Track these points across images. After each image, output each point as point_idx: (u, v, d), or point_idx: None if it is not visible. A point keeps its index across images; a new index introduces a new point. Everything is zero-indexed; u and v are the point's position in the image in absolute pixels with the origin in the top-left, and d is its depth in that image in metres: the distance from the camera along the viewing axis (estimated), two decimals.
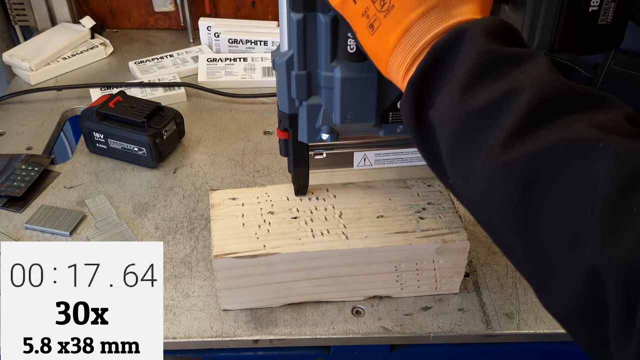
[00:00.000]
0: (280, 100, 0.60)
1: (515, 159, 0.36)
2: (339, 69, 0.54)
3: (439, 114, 0.42)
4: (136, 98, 0.97)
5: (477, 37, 0.39)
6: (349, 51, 0.53)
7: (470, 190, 0.40)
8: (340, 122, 0.58)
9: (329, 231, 0.66)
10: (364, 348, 0.70)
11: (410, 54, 0.43)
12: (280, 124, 0.62)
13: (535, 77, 0.37)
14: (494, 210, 0.38)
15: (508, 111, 0.37)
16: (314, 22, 0.53)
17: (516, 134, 0.36)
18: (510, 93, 0.37)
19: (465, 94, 0.39)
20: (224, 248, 0.64)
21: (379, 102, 0.57)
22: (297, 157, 0.65)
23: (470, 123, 0.39)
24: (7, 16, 1.26)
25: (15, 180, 0.87)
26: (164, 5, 1.25)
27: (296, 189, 0.69)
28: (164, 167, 0.92)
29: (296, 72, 0.56)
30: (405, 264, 0.67)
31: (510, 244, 0.38)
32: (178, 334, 0.66)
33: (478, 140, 0.38)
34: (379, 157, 0.66)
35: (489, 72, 0.39)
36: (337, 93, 0.56)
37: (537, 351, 0.73)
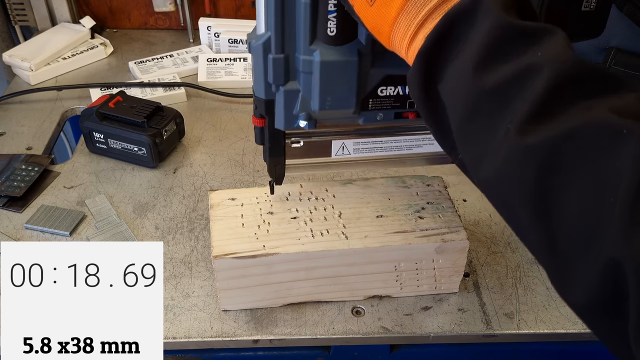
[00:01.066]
0: (256, 85, 0.58)
1: (534, 143, 0.34)
2: (318, 53, 0.52)
3: (450, 89, 0.40)
4: (136, 98, 0.97)
5: (493, 7, 0.37)
6: (329, 34, 0.51)
7: (485, 172, 0.38)
8: (319, 109, 0.55)
9: (328, 231, 0.66)
10: (364, 348, 0.70)
11: (415, 21, 0.41)
12: (256, 110, 0.60)
13: (553, 55, 0.36)
14: (510, 194, 0.37)
15: (525, 91, 0.35)
16: (293, 3, 0.51)
17: (535, 116, 0.35)
18: (528, 71, 0.36)
19: (479, 70, 0.38)
20: (224, 248, 0.64)
21: (359, 88, 0.55)
22: (273, 146, 0.63)
23: (485, 101, 0.38)
24: (7, 16, 1.26)
25: (15, 180, 0.87)
26: (164, 5, 1.25)
27: (272, 179, 0.67)
28: (164, 167, 0.92)
29: (273, 56, 0.54)
30: (404, 264, 0.67)
31: (526, 229, 0.37)
32: (178, 334, 0.66)
33: (493, 120, 0.37)
34: (358, 145, 0.64)
35: (506, 48, 0.37)
36: (316, 78, 0.53)
37: (537, 351, 0.73)
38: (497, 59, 0.37)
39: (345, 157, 0.65)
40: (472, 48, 0.38)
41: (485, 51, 0.38)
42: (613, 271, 0.31)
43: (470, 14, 0.38)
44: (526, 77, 0.36)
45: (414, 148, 0.66)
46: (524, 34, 0.37)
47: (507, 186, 0.37)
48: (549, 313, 0.69)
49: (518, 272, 0.74)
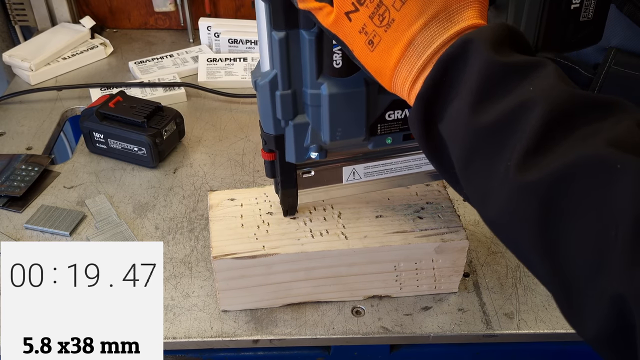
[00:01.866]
0: (264, 122, 0.58)
1: (532, 182, 0.35)
2: (325, 86, 0.53)
3: (449, 130, 0.41)
4: (136, 98, 0.97)
5: (482, 48, 0.38)
6: (335, 67, 0.52)
7: (490, 211, 0.39)
8: (330, 140, 0.56)
9: (328, 231, 0.66)
10: (364, 348, 0.70)
11: (416, 66, 0.42)
12: (265, 146, 0.60)
13: (545, 88, 0.37)
14: (516, 231, 0.37)
15: (520, 128, 0.36)
16: (297, 40, 0.51)
17: (532, 152, 0.35)
18: (521, 108, 0.37)
19: (475, 110, 0.38)
20: (223, 249, 0.64)
21: (368, 116, 0.56)
22: (284, 178, 0.63)
23: (482, 141, 0.38)
24: (7, 16, 1.26)
25: (15, 180, 0.87)
26: (164, 5, 1.25)
27: (285, 210, 0.67)
28: (164, 167, 0.92)
29: (281, 92, 0.54)
30: (404, 264, 0.67)
31: (535, 264, 0.38)
32: (178, 334, 0.66)
33: (492, 159, 0.38)
34: (368, 169, 0.65)
35: (497, 86, 0.38)
36: (325, 110, 0.54)
37: (537, 351, 0.73)
38: (490, 97, 0.38)
39: (356, 182, 0.66)
40: (466, 88, 0.39)
41: (478, 91, 0.38)
42: (619, 306, 0.31)
43: (462, 56, 0.39)
44: (520, 113, 0.36)
45: (424, 166, 0.66)
46: (514, 70, 0.38)
47: (512, 225, 0.37)
48: (549, 313, 0.69)
49: (518, 272, 0.74)
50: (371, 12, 0.42)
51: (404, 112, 0.58)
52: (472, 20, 0.41)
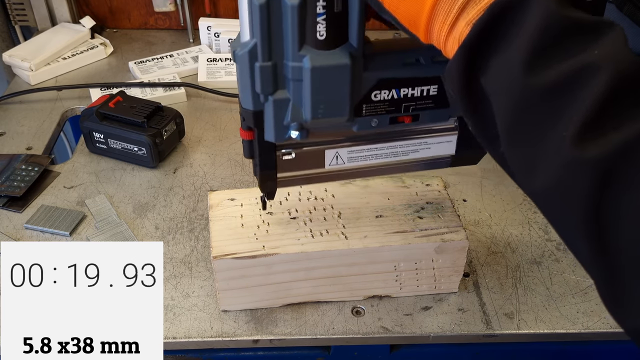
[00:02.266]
0: (243, 96, 0.54)
1: (593, 156, 0.32)
2: (308, 58, 0.49)
3: (497, 84, 0.37)
4: (136, 98, 0.97)
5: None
6: (319, 38, 0.48)
7: (537, 182, 0.36)
8: (312, 117, 0.52)
9: (328, 231, 0.66)
10: (364, 348, 0.70)
11: (455, 6, 0.38)
12: (244, 123, 0.56)
13: (612, 53, 0.33)
14: (565, 208, 0.35)
15: (581, 95, 0.33)
16: (279, 7, 0.48)
17: (592, 125, 0.33)
18: (584, 71, 0.33)
19: (531, 67, 0.35)
20: (223, 249, 0.64)
21: (352, 94, 0.52)
22: (263, 159, 0.59)
23: (537, 102, 0.35)
24: (7, 16, 1.26)
25: (15, 180, 0.87)
26: (164, 5, 1.25)
27: (264, 194, 0.64)
28: (164, 167, 0.92)
29: (260, 64, 0.50)
30: (404, 264, 0.67)
31: (579, 243, 0.35)
32: (178, 334, 0.66)
33: (546, 123, 0.35)
34: (352, 154, 0.61)
35: (560, 43, 0.35)
36: (307, 85, 0.50)
37: (537, 351, 0.73)
38: (551, 54, 0.35)
39: (339, 167, 0.62)
40: (523, 40, 0.35)
41: (537, 45, 0.35)
42: None
43: (522, 2, 0.36)
44: (582, 78, 0.34)
45: (411, 153, 0.63)
46: (580, 29, 0.35)
47: (561, 200, 0.35)
48: (549, 313, 0.69)
49: (518, 272, 0.74)
50: None
51: (391, 93, 0.54)
52: None
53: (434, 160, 0.64)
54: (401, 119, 0.56)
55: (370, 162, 0.63)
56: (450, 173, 0.89)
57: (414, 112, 0.56)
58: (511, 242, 0.79)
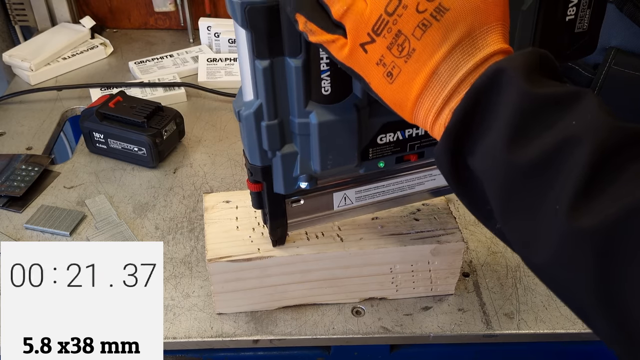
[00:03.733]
0: (250, 153, 0.55)
1: (589, 227, 0.32)
2: (314, 114, 0.50)
3: (483, 166, 0.39)
4: (136, 98, 0.97)
5: (516, 78, 0.36)
6: (324, 93, 0.49)
7: (537, 257, 0.36)
8: (321, 169, 0.53)
9: (323, 234, 0.66)
10: (364, 348, 0.70)
11: (440, 97, 0.40)
12: (252, 177, 0.57)
13: (589, 122, 0.34)
14: (569, 281, 0.34)
15: (567, 167, 0.33)
16: (282, 68, 0.48)
17: (583, 194, 0.33)
18: (566, 144, 0.34)
19: (513, 146, 0.36)
20: (218, 252, 0.64)
21: (359, 142, 0.53)
22: (273, 209, 0.59)
23: (525, 178, 0.36)
24: (7, 16, 1.26)
25: (15, 180, 0.87)
26: (164, 5, 1.25)
27: (274, 241, 0.64)
28: (164, 167, 0.92)
29: (267, 123, 0.51)
30: (400, 266, 0.67)
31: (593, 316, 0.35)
32: (178, 334, 0.66)
33: (537, 200, 0.35)
34: (360, 194, 0.62)
35: (536, 120, 0.35)
36: (315, 139, 0.51)
37: (537, 351, 0.73)
38: (529, 131, 0.35)
39: (348, 207, 0.63)
40: (501, 122, 0.36)
41: (516, 125, 0.36)
42: None
43: (494, 88, 0.37)
44: (565, 150, 0.34)
45: (416, 186, 0.64)
46: (554, 103, 0.36)
47: (565, 273, 0.34)
48: (549, 313, 0.69)
49: (518, 272, 0.74)
50: (389, 43, 0.40)
51: (396, 135, 0.55)
52: (497, 44, 0.39)
53: (439, 189, 0.66)
54: (407, 157, 0.58)
55: (378, 199, 0.64)
56: None
57: (419, 149, 0.57)
58: None
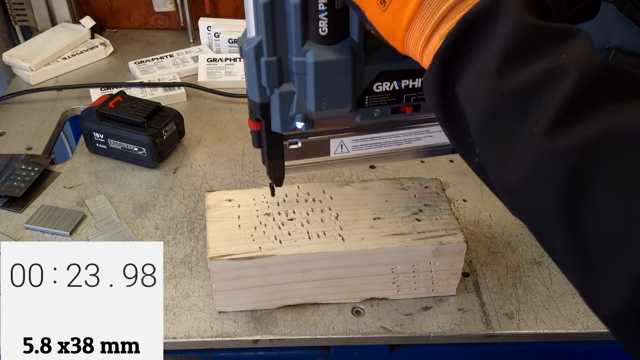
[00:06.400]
0: (250, 89, 0.57)
1: (562, 148, 0.33)
2: (311, 53, 0.52)
3: (470, 91, 0.39)
4: (136, 98, 0.97)
5: (515, 7, 0.36)
6: (321, 34, 0.51)
7: (509, 178, 0.37)
8: (316, 110, 0.55)
9: (325, 233, 0.66)
10: (364, 348, 0.70)
11: (430, 23, 0.40)
12: (252, 114, 0.59)
13: (579, 56, 0.35)
14: (537, 200, 0.35)
15: (551, 93, 0.34)
16: (282, 5, 0.50)
17: (562, 119, 0.34)
18: (553, 73, 0.35)
19: (502, 71, 0.37)
20: (220, 250, 0.64)
21: (354, 86, 0.55)
22: (271, 148, 0.62)
23: (507, 103, 0.36)
24: (7, 16, 1.26)
25: (15, 180, 0.87)
26: (164, 5, 1.25)
27: (272, 182, 0.66)
28: (164, 167, 0.92)
29: (266, 59, 0.53)
30: (401, 266, 0.67)
31: (551, 236, 0.36)
32: (178, 334, 0.66)
33: (516, 123, 0.36)
34: (357, 142, 0.63)
35: (529, 49, 0.36)
36: (311, 79, 0.53)
37: (537, 351, 0.73)
38: (520, 60, 0.36)
39: (344, 155, 0.65)
40: (493, 49, 0.37)
41: (508, 52, 0.37)
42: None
43: (491, 14, 0.38)
44: (551, 79, 0.35)
45: (413, 141, 0.65)
46: (548, 35, 0.36)
47: (533, 193, 0.36)
48: (549, 313, 0.69)
49: (518, 272, 0.74)
50: None
51: (392, 84, 0.57)
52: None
53: (435, 147, 0.66)
54: (403, 109, 0.59)
55: (374, 150, 0.65)
56: (450, 173, 0.89)
57: (415, 102, 0.59)
58: (511, 242, 0.79)
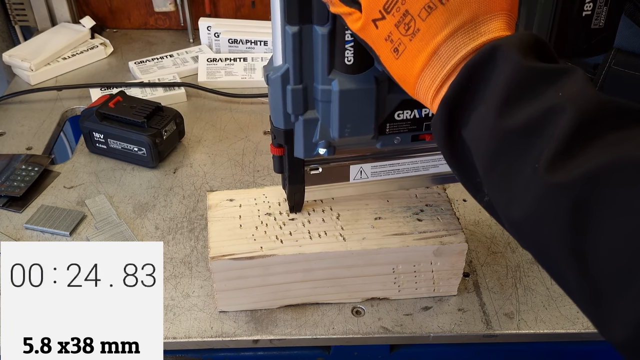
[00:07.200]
0: (275, 116, 0.58)
1: (563, 182, 0.34)
2: (336, 82, 0.53)
3: (475, 133, 0.41)
4: (136, 98, 0.97)
5: (511, 53, 0.39)
6: (347, 63, 0.52)
7: (515, 213, 0.38)
8: (339, 136, 0.56)
9: (326, 233, 0.66)
10: (364, 348, 0.70)
11: (440, 75, 0.42)
12: (275, 140, 0.61)
13: (574, 94, 0.36)
14: (543, 235, 0.36)
15: (550, 131, 0.36)
16: (310, 35, 0.52)
17: (562, 154, 0.35)
18: (551, 112, 0.36)
19: (503, 113, 0.38)
20: (221, 250, 0.64)
21: (377, 114, 0.56)
22: (292, 174, 0.63)
23: (510, 143, 0.38)
24: (7, 16, 1.26)
25: (15, 180, 0.87)
26: (164, 5, 1.25)
27: (291, 206, 0.68)
28: (164, 167, 0.92)
29: (292, 87, 0.55)
30: (402, 266, 0.67)
31: (561, 270, 0.37)
32: (178, 334, 0.66)
33: (519, 161, 0.38)
34: (376, 169, 0.65)
35: (526, 90, 0.38)
36: (336, 106, 0.54)
37: (537, 351, 0.73)
38: (518, 101, 0.38)
39: (363, 181, 0.66)
40: (493, 93, 0.39)
41: (507, 94, 0.38)
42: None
43: (490, 61, 0.39)
44: (550, 117, 0.36)
45: (431, 168, 0.66)
46: (543, 76, 0.38)
47: (538, 227, 0.37)
48: (549, 313, 0.69)
49: (518, 272, 0.74)
50: (397, 21, 0.43)
51: (413, 113, 0.58)
52: (499, 32, 0.41)
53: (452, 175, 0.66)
54: (422, 136, 0.60)
55: (393, 177, 0.66)
56: None
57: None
58: (511, 242, 0.79)
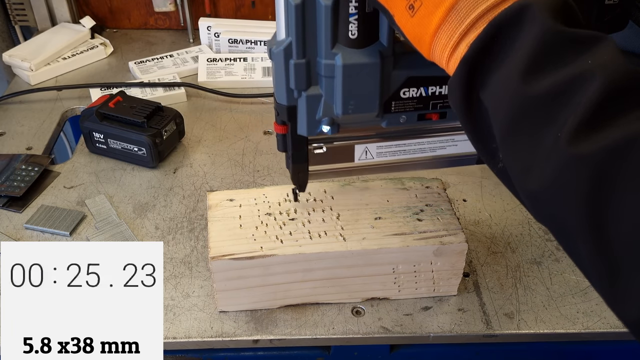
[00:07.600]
0: (278, 92, 0.57)
1: (587, 153, 0.33)
2: (340, 56, 0.52)
3: (495, 96, 0.39)
4: (136, 98, 0.97)
5: (541, 15, 0.37)
6: (351, 37, 0.51)
7: (533, 183, 0.37)
8: (342, 113, 0.55)
9: (326, 233, 0.66)
10: (364, 348, 0.70)
11: (457, 32, 0.40)
12: (278, 117, 0.59)
13: (605, 63, 0.35)
14: (561, 206, 0.35)
15: (576, 99, 0.35)
16: (313, 7, 0.50)
17: (587, 125, 0.34)
18: (578, 79, 0.35)
19: (527, 77, 0.37)
20: (221, 249, 0.64)
21: (381, 91, 0.55)
22: (296, 152, 0.62)
23: (532, 108, 0.37)
24: (7, 16, 1.26)
25: (15, 180, 0.87)
26: (164, 5, 1.25)
27: (295, 187, 0.67)
28: (164, 167, 0.92)
29: (295, 61, 0.53)
30: (402, 266, 0.67)
31: (575, 241, 0.36)
32: (178, 334, 0.66)
33: (541, 128, 0.36)
34: (381, 149, 0.64)
35: (555, 56, 0.36)
36: (339, 82, 0.53)
37: (537, 351, 0.73)
38: (545, 66, 0.37)
39: (368, 162, 0.65)
40: (519, 55, 0.37)
41: (534, 58, 0.37)
42: None
43: (517, 21, 0.38)
44: (577, 84, 0.35)
45: (438, 150, 0.65)
46: (574, 42, 0.37)
47: (557, 198, 0.36)
48: (549, 313, 0.69)
49: (518, 272, 0.74)
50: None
51: (420, 91, 0.57)
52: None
53: (460, 157, 0.66)
54: (429, 116, 0.59)
55: (398, 158, 0.65)
56: (451, 173, 0.89)
57: (441, 109, 0.58)
58: (511, 242, 0.79)
